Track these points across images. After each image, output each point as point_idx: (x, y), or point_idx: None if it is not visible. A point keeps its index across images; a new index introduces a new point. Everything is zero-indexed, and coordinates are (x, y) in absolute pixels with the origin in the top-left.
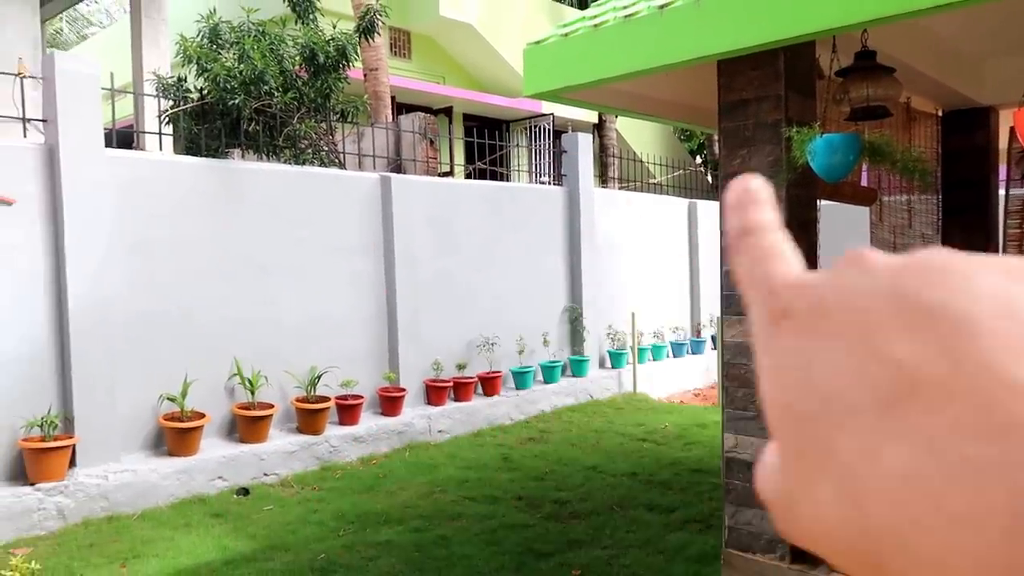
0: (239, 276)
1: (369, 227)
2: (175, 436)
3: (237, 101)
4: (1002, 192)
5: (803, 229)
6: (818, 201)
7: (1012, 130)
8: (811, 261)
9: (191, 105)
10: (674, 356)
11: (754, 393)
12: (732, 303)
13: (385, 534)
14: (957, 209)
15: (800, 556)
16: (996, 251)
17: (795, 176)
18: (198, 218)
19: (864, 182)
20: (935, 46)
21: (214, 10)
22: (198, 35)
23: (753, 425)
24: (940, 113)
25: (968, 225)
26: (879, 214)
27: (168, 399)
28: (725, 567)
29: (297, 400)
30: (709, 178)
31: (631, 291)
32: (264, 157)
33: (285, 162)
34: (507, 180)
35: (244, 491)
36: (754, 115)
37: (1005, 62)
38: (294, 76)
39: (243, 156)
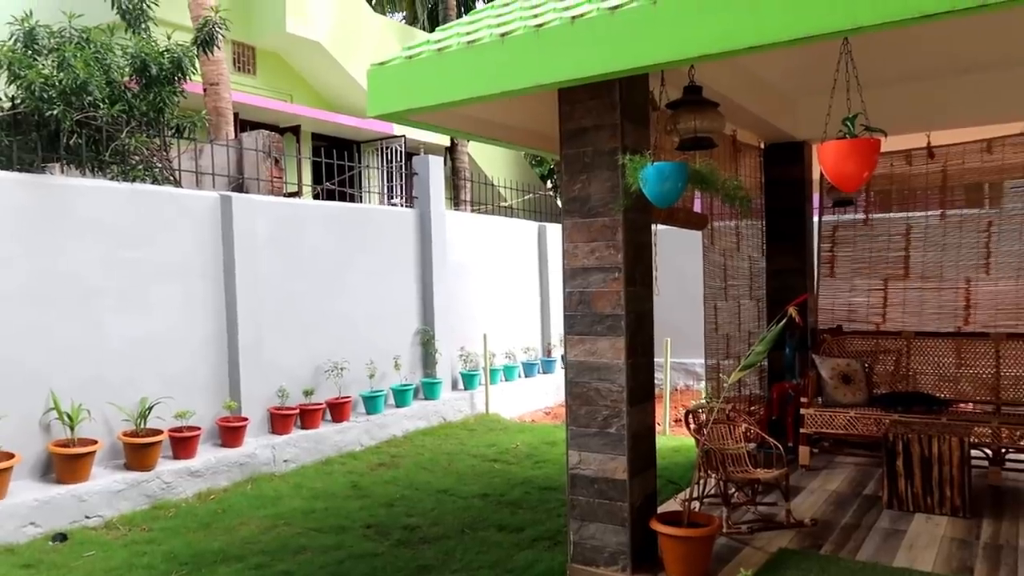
0: (58, 300)
1: (208, 248)
2: None
3: (56, 112)
4: (816, 219)
5: (640, 251)
6: (654, 225)
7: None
8: (647, 281)
9: (0, 114)
10: (526, 376)
11: (595, 411)
12: (575, 323)
13: (222, 574)
14: (779, 234)
15: (640, 567)
16: (812, 272)
17: (632, 201)
18: (8, 237)
19: (697, 208)
20: (755, 83)
21: (30, 13)
22: (10, 38)
23: (596, 442)
24: (763, 146)
25: (789, 249)
26: (711, 238)
27: None
28: None
29: (125, 434)
30: (559, 202)
31: (483, 313)
32: (88, 173)
33: (112, 178)
34: (358, 202)
35: (61, 537)
36: (592, 143)
37: (815, 100)
38: (123, 87)
39: (63, 171)
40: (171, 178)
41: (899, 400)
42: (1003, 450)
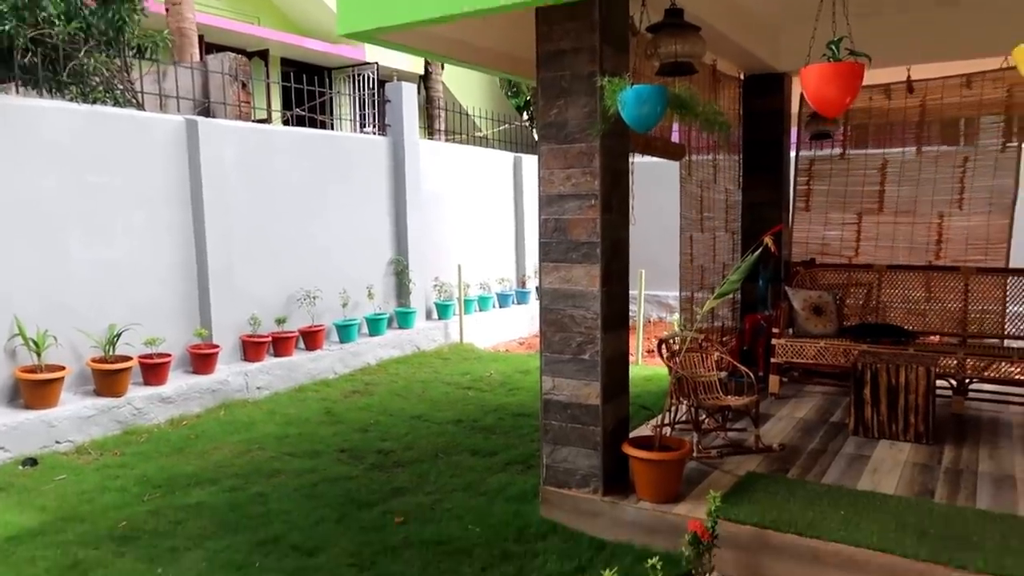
0: (19, 225)
1: (174, 174)
2: None
3: (8, 28)
4: (793, 153)
5: (617, 178)
6: (631, 155)
7: (802, 96)
8: (623, 209)
9: None
10: (500, 307)
11: (569, 338)
12: (550, 250)
13: (196, 496)
14: (756, 167)
15: (611, 489)
16: (788, 205)
17: (610, 126)
18: None
19: (675, 139)
20: (737, 10)
21: None
22: None
23: (570, 368)
24: (742, 77)
25: (765, 182)
26: (688, 169)
27: None
28: (543, 503)
29: (93, 360)
30: (535, 134)
31: (457, 243)
32: (46, 94)
33: (71, 100)
34: (329, 129)
35: (31, 461)
36: (570, 66)
37: (797, 29)
38: (80, 3)
39: (19, 93)
40: (134, 100)
41: (868, 331)
42: (967, 380)
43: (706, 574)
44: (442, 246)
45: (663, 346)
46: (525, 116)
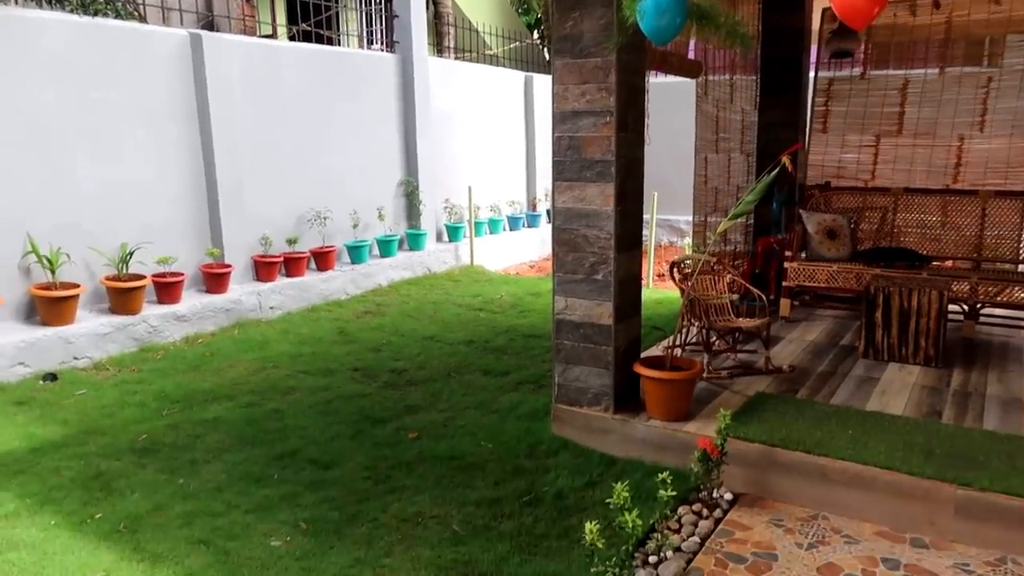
0: (26, 143)
1: (179, 90)
2: None
3: None
4: (812, 73)
5: (633, 95)
6: (648, 73)
7: (824, 12)
8: (639, 127)
9: None
10: (510, 230)
11: (582, 258)
12: (564, 169)
13: (213, 411)
14: (773, 86)
15: (622, 407)
16: (805, 124)
17: (627, 41)
18: None
19: (691, 57)
20: None
21: None
22: None
23: (582, 288)
24: None
25: (782, 102)
26: (704, 88)
27: None
28: (555, 421)
29: (107, 279)
30: (546, 53)
31: (468, 165)
32: (46, 5)
33: (72, 12)
34: (336, 45)
35: (51, 376)
36: None
37: None
38: None
39: (18, 3)
40: (135, 13)
41: (882, 255)
42: (979, 305)
43: (714, 489)
44: (452, 167)
45: (675, 269)
46: (536, 34)
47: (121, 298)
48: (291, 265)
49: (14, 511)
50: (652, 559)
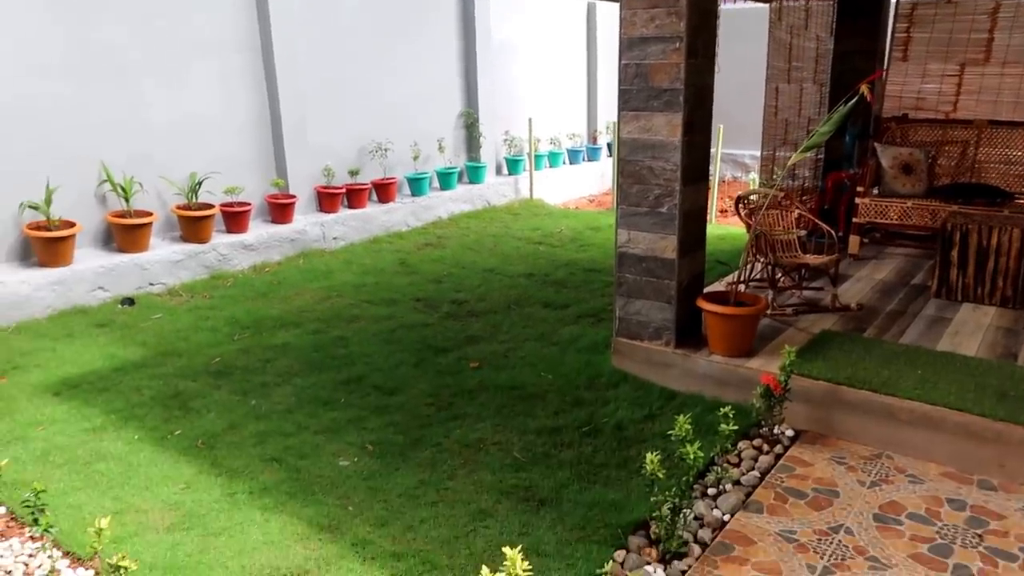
0: (98, 74)
1: (243, 22)
2: (44, 246)
3: None
4: None
5: (704, 19)
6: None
7: None
8: (709, 53)
9: None
10: (570, 163)
11: (647, 190)
12: (630, 98)
13: (282, 337)
14: (852, 11)
15: (683, 342)
16: (884, 52)
17: None
18: (39, 7)
19: None
20: None
21: None
22: None
23: (646, 221)
24: None
25: (860, 28)
26: (778, 13)
27: (30, 207)
28: (615, 354)
29: (178, 208)
30: None
31: (528, 96)
32: None
33: None
34: None
35: (129, 301)
36: None
37: None
38: None
39: None
40: None
41: (961, 191)
42: None
43: (776, 426)
44: (513, 99)
45: (741, 203)
46: None
47: (191, 226)
48: (353, 197)
49: (101, 425)
50: (711, 491)
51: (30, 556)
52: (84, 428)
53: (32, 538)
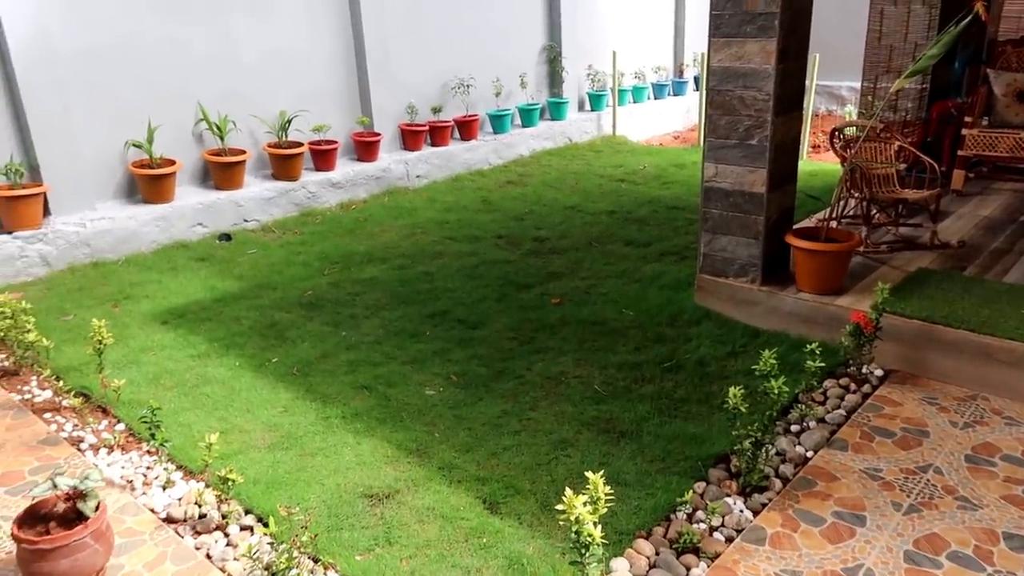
0: (189, 9)
1: None
2: (148, 183)
3: None
4: None
5: None
6: None
7: None
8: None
9: None
10: (655, 98)
11: (736, 121)
12: (721, 24)
13: (369, 272)
14: None
15: (769, 279)
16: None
17: None
18: None
19: None
20: None
21: None
22: None
23: (735, 154)
24: None
25: None
26: None
27: (134, 145)
28: (698, 291)
29: (269, 146)
30: None
31: (612, 28)
32: None
33: None
34: None
35: (226, 236)
36: None
37: None
38: None
39: None
40: None
41: None
42: None
43: (864, 365)
44: (596, 31)
45: (836, 135)
46: None
47: (282, 164)
48: (436, 134)
49: (205, 352)
50: (795, 428)
51: (148, 468)
52: (190, 354)
53: (149, 452)
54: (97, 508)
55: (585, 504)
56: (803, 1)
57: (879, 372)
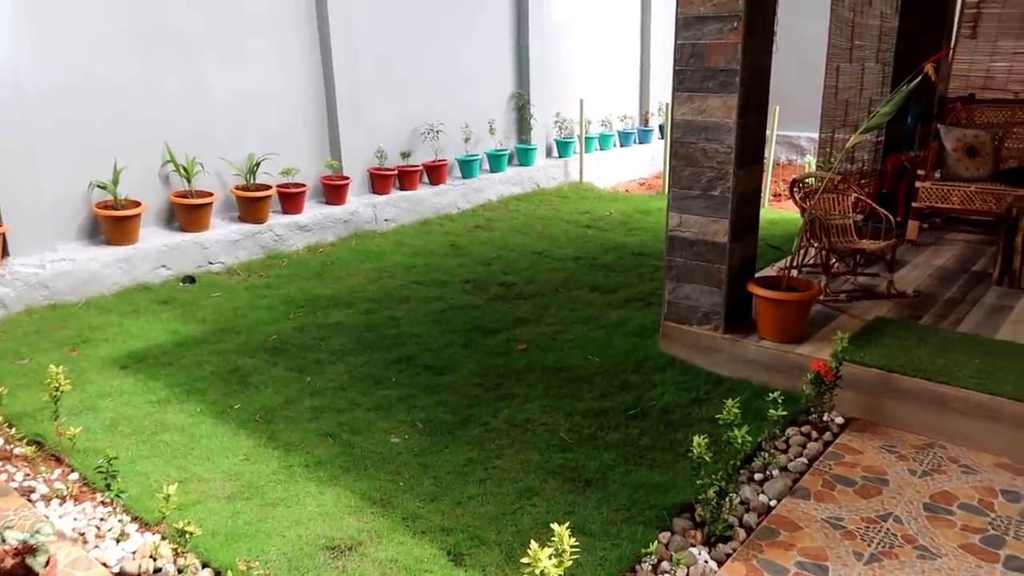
0: (161, 51)
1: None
2: (111, 224)
3: None
4: None
5: None
6: None
7: None
8: (767, 32)
9: None
10: (621, 145)
11: (700, 173)
12: (684, 79)
13: (335, 316)
14: None
15: (732, 327)
16: (951, 30)
17: None
18: None
19: None
20: None
21: None
22: None
23: (698, 204)
24: None
25: (926, 4)
26: None
27: (99, 186)
28: (663, 338)
29: (237, 188)
30: None
31: (580, 78)
32: None
33: None
34: None
35: (190, 279)
36: None
37: None
38: None
39: None
40: None
41: None
42: None
43: (825, 413)
44: (564, 80)
45: (796, 186)
46: None
47: (250, 207)
48: (405, 178)
49: (165, 398)
50: (758, 476)
51: (101, 520)
52: (150, 400)
53: (103, 503)
54: (47, 563)
55: (550, 557)
56: (763, 60)
57: (840, 420)
